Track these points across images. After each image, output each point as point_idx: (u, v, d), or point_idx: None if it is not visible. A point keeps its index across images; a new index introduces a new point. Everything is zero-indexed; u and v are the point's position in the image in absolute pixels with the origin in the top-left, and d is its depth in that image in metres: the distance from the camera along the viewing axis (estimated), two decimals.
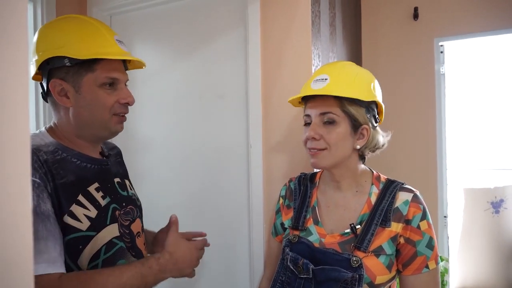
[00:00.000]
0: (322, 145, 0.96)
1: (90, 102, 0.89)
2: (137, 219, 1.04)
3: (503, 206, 2.59)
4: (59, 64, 0.86)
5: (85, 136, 0.94)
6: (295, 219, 1.07)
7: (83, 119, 0.91)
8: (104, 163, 1.00)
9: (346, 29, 1.97)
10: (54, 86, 0.88)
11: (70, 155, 0.91)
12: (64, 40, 0.86)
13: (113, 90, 0.92)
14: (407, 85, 2.29)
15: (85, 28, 0.89)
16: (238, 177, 1.56)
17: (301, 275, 0.97)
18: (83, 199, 0.89)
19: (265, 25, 1.46)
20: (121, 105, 0.93)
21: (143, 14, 1.77)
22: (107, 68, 0.89)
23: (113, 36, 0.92)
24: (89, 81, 0.88)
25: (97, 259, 0.88)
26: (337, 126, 0.95)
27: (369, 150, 1.00)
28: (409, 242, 0.94)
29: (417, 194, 0.97)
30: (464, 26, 2.15)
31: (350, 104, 0.94)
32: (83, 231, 0.86)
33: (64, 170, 0.88)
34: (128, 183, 1.09)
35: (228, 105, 1.59)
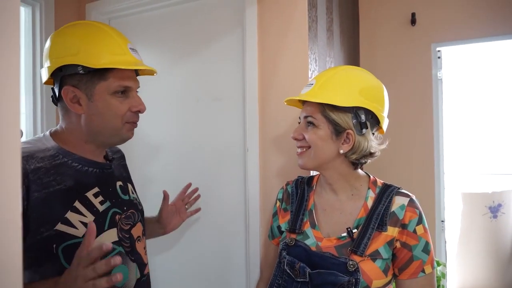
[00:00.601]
0: (304, 144, 1.01)
1: (102, 110, 0.90)
2: (138, 223, 1.04)
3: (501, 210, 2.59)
4: (72, 71, 0.87)
5: (95, 142, 0.95)
6: (292, 222, 1.07)
7: (95, 126, 0.91)
8: (107, 167, 1.01)
9: (344, 34, 1.98)
10: (67, 93, 0.89)
11: (70, 160, 0.91)
12: (78, 48, 0.86)
13: (125, 98, 0.92)
14: (404, 90, 2.30)
15: (98, 36, 0.89)
16: (234, 180, 1.56)
17: (298, 278, 0.97)
18: (80, 205, 0.88)
19: (262, 30, 1.47)
20: (133, 113, 0.94)
21: (141, 18, 1.78)
22: (119, 77, 0.90)
23: (127, 44, 0.92)
24: (102, 89, 0.89)
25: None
26: (317, 128, 0.98)
27: (358, 157, 0.98)
28: (405, 246, 0.94)
29: (413, 198, 0.98)
30: (461, 31, 2.16)
31: (330, 110, 0.96)
32: (80, 237, 0.85)
33: (61, 176, 0.88)
34: (130, 187, 1.09)
35: (225, 108, 1.59)
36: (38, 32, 1.66)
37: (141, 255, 1.01)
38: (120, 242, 0.95)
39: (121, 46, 0.91)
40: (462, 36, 2.16)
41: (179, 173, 1.68)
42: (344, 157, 0.99)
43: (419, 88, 2.28)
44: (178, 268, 1.70)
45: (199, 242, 1.64)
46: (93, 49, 0.87)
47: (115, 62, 0.87)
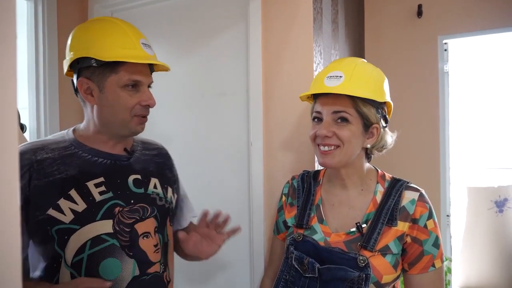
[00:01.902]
0: (336, 141, 0.95)
1: (112, 102, 0.93)
2: (150, 218, 1.00)
3: (507, 205, 2.57)
4: (87, 64, 0.91)
5: (107, 133, 0.99)
6: (299, 217, 1.05)
7: (105, 117, 0.96)
8: (123, 159, 1.02)
9: (349, 26, 1.95)
10: (81, 84, 0.94)
11: (81, 151, 0.97)
12: (92, 42, 0.91)
13: (135, 91, 0.95)
14: (410, 83, 2.27)
15: (112, 30, 0.93)
16: (238, 175, 1.55)
17: (306, 274, 0.96)
18: (75, 194, 0.92)
19: (267, 22, 1.44)
20: (142, 107, 0.97)
21: (144, 12, 1.76)
22: (130, 71, 0.93)
23: (139, 39, 0.95)
24: (112, 82, 0.92)
25: (82, 253, 0.90)
26: (351, 124, 0.94)
27: (376, 150, 0.99)
28: (416, 241, 0.93)
29: (423, 193, 0.96)
30: (468, 24, 2.13)
31: (363, 104, 0.93)
32: (66, 223, 0.90)
33: (66, 165, 0.93)
34: (154, 182, 1.06)
35: (230, 102, 1.57)
36: (41, 26, 1.65)
37: (145, 252, 0.97)
38: (116, 235, 0.93)
39: (133, 40, 0.94)
40: (469, 28, 2.13)
41: (183, 168, 1.67)
42: (363, 151, 0.99)
43: (425, 81, 2.25)
44: (181, 264, 1.69)
45: None
46: (105, 43, 0.91)
47: (125, 56, 0.90)
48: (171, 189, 1.12)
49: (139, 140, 1.14)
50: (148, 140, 1.18)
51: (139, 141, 1.14)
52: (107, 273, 0.92)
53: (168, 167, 1.15)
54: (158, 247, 1.01)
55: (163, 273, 1.01)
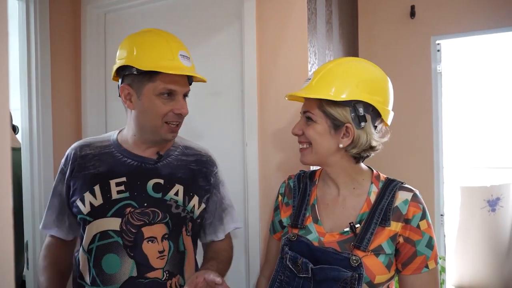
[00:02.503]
0: (305, 139, 1.00)
1: (147, 109, 1.00)
2: (160, 224, 1.01)
3: (499, 204, 2.60)
4: (129, 72, 0.99)
5: (141, 137, 1.06)
6: (294, 217, 1.05)
7: (139, 122, 1.03)
8: (150, 162, 1.07)
9: (343, 26, 1.96)
10: (123, 90, 1.02)
11: (116, 151, 1.07)
12: (135, 51, 0.98)
13: (169, 100, 1.00)
14: (403, 83, 2.29)
15: (154, 41, 1.00)
16: (233, 175, 1.55)
17: (300, 274, 0.95)
18: (98, 189, 1.02)
19: (261, 22, 1.44)
20: (175, 114, 1.02)
21: (138, 12, 1.75)
22: (166, 80, 0.98)
23: (179, 51, 1.01)
24: (149, 89, 0.99)
25: (93, 243, 1.00)
26: (316, 123, 0.97)
27: (359, 151, 0.97)
28: (408, 241, 0.93)
29: (416, 193, 0.96)
30: (461, 24, 2.15)
31: (327, 104, 0.94)
32: (84, 214, 1.01)
33: (100, 162, 1.05)
34: (178, 189, 1.06)
35: (224, 102, 1.57)
36: (33, 26, 1.63)
37: (147, 256, 0.98)
38: (121, 233, 0.98)
39: (172, 52, 1.00)
40: (462, 28, 2.14)
41: None
42: (345, 152, 0.98)
43: (418, 81, 2.27)
44: None
45: None
46: (145, 53, 0.98)
47: (161, 66, 0.96)
48: (198, 198, 1.10)
49: (182, 145, 1.17)
50: (192, 145, 1.19)
51: (182, 145, 1.16)
52: (107, 267, 0.97)
53: (203, 175, 1.15)
54: (164, 254, 1.01)
55: (166, 281, 1.00)
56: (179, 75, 1.00)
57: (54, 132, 1.68)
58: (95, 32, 1.79)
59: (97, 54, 1.80)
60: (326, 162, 1.01)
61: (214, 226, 1.18)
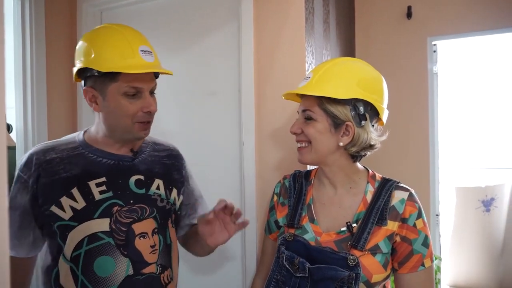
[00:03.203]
0: (304, 138, 1.00)
1: (114, 110, 0.96)
2: (149, 219, 1.01)
3: (494, 204, 2.61)
4: (90, 73, 0.95)
5: (113, 137, 1.02)
6: (290, 216, 1.05)
7: (110, 123, 1.00)
8: (126, 160, 1.04)
9: (340, 26, 1.96)
10: (86, 92, 0.98)
11: (87, 151, 1.02)
12: (93, 52, 0.94)
13: (136, 98, 0.97)
14: (400, 84, 2.29)
15: (111, 39, 0.95)
16: (230, 175, 1.54)
17: (297, 273, 0.95)
18: (76, 192, 0.96)
19: (259, 22, 1.44)
20: (144, 113, 0.99)
21: (134, 10, 1.74)
22: (129, 79, 0.94)
23: (139, 47, 0.96)
24: (113, 90, 0.95)
25: (80, 248, 0.94)
26: (316, 122, 0.97)
27: (358, 149, 0.97)
28: (405, 240, 0.93)
29: (412, 192, 0.97)
30: (457, 25, 2.16)
31: (328, 102, 0.95)
32: (66, 220, 0.94)
33: (71, 165, 0.99)
34: (158, 183, 1.07)
35: (221, 102, 1.57)
36: (28, 24, 1.62)
37: (140, 252, 0.98)
38: (112, 233, 0.95)
39: (132, 48, 0.94)
40: (458, 29, 2.16)
41: None
42: (344, 150, 0.98)
43: (415, 82, 2.27)
44: None
45: None
46: (104, 53, 0.93)
47: (122, 66, 0.92)
48: (176, 190, 1.12)
49: (151, 141, 1.16)
50: (160, 141, 1.19)
51: (151, 142, 1.15)
52: (100, 270, 0.94)
53: (176, 168, 1.16)
54: (156, 248, 1.01)
55: (160, 274, 1.01)
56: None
57: (49, 131, 1.67)
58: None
59: None
60: (325, 161, 1.00)
61: (189, 217, 1.20)
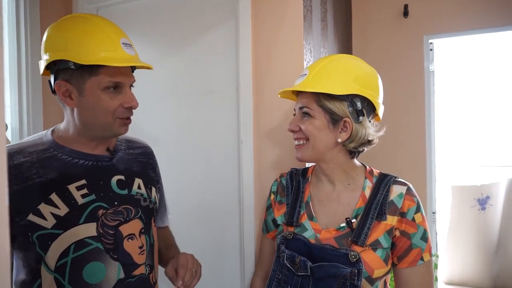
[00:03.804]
0: (302, 135, 0.99)
1: (93, 106, 0.90)
2: (135, 220, 0.98)
3: (489, 203, 2.63)
4: (64, 66, 0.87)
5: (88, 135, 0.96)
6: (289, 215, 1.05)
7: (86, 120, 0.92)
8: (105, 160, 0.99)
9: (337, 25, 1.96)
10: (59, 87, 0.90)
11: (61, 153, 0.93)
12: (69, 43, 0.87)
13: (117, 93, 0.92)
14: (396, 82, 2.30)
15: (90, 30, 0.88)
16: (228, 174, 1.54)
17: (299, 272, 0.95)
18: (56, 198, 0.89)
19: (257, 20, 1.44)
20: (125, 109, 0.94)
21: (131, 8, 1.73)
22: (110, 73, 0.89)
23: (120, 39, 0.91)
24: (92, 84, 0.89)
25: (66, 257, 0.88)
26: (314, 119, 0.97)
27: (356, 145, 0.98)
28: (404, 234, 0.94)
29: (410, 187, 0.98)
30: (454, 23, 2.17)
31: (325, 98, 0.95)
32: (48, 228, 0.87)
33: (45, 169, 0.90)
34: (138, 182, 1.04)
35: (219, 100, 1.56)
36: (23, 22, 1.60)
37: (130, 254, 0.95)
38: (100, 238, 0.91)
39: (113, 41, 0.89)
40: (454, 28, 2.17)
41: (172, 167, 1.65)
42: (342, 146, 0.99)
43: (411, 80, 2.28)
44: None
45: (192, 236, 1.61)
46: (83, 44, 0.86)
47: (104, 59, 0.86)
48: (155, 188, 1.10)
49: (124, 139, 1.11)
50: (133, 138, 1.15)
51: (124, 140, 1.11)
52: (91, 277, 0.90)
53: (151, 167, 1.13)
54: (144, 248, 0.99)
55: (149, 274, 0.99)
56: (124, 66, 0.91)
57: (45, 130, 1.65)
58: None
59: None
60: (323, 158, 1.00)
61: (161, 213, 1.18)
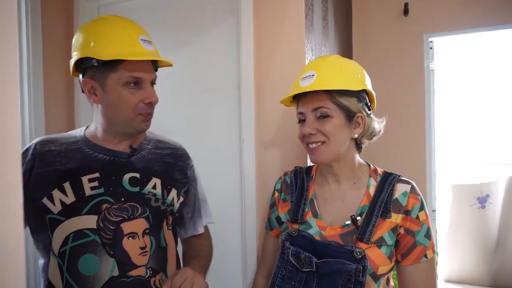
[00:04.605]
0: (321, 138, 0.97)
1: (115, 101, 0.94)
2: (140, 219, 0.97)
3: (489, 201, 2.64)
4: (89, 64, 0.92)
5: (112, 131, 0.99)
6: (293, 212, 1.06)
7: (110, 116, 0.96)
8: (123, 156, 1.01)
9: (338, 23, 1.96)
10: (85, 84, 0.95)
11: (85, 146, 1.00)
12: (92, 41, 0.91)
13: (137, 89, 0.95)
14: (396, 80, 2.30)
15: (111, 28, 0.93)
16: (230, 172, 1.54)
17: (304, 268, 0.96)
18: (68, 186, 0.94)
19: (258, 18, 1.44)
20: (145, 104, 0.96)
21: (131, 7, 1.73)
22: (130, 68, 0.92)
23: (139, 36, 0.94)
24: (113, 80, 0.92)
25: (66, 244, 0.92)
26: (332, 118, 0.96)
27: (366, 138, 1.02)
28: (408, 232, 0.95)
29: (414, 185, 0.99)
30: (454, 22, 2.17)
31: (340, 96, 0.96)
32: (54, 213, 0.92)
33: (68, 158, 0.96)
34: (155, 182, 1.03)
35: (220, 99, 1.56)
36: (24, 21, 1.59)
37: (128, 253, 0.94)
38: (98, 231, 0.92)
39: (131, 37, 0.93)
40: (454, 26, 2.17)
41: None
42: (350, 141, 1.01)
43: (411, 79, 2.29)
44: None
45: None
46: (103, 41, 0.91)
47: (122, 53, 0.90)
48: (176, 191, 1.07)
49: (154, 138, 1.12)
50: (165, 139, 1.16)
51: (154, 139, 1.12)
52: (85, 269, 0.91)
53: (179, 168, 1.11)
54: (146, 250, 0.97)
55: (149, 278, 0.97)
56: (144, 61, 0.94)
57: (46, 128, 1.65)
58: None
59: None
60: (340, 156, 1.00)
61: (193, 220, 1.16)
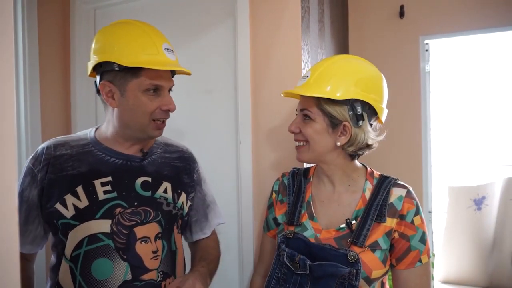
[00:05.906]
0: (302, 137, 1.00)
1: (133, 106, 0.95)
2: (152, 223, 0.98)
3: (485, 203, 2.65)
4: (109, 68, 0.93)
5: (124, 135, 1.00)
6: (290, 214, 1.06)
7: (124, 120, 0.97)
8: (135, 160, 1.02)
9: (334, 26, 1.97)
10: (103, 87, 0.96)
11: (97, 149, 1.00)
12: (115, 46, 0.92)
13: (156, 96, 0.96)
14: (392, 82, 2.29)
15: (134, 35, 0.94)
16: (227, 174, 1.54)
17: (298, 271, 0.96)
18: (81, 190, 0.95)
19: (255, 20, 1.44)
20: (162, 111, 0.98)
21: (128, 8, 1.73)
22: (151, 75, 0.93)
23: (162, 44, 0.96)
24: (134, 86, 0.93)
25: (80, 248, 0.93)
26: (314, 122, 0.97)
27: (356, 149, 0.98)
28: (403, 237, 0.95)
29: (410, 190, 0.98)
30: (450, 24, 2.18)
31: (326, 102, 0.95)
32: (67, 218, 0.93)
33: (80, 162, 0.97)
34: (166, 186, 1.04)
35: (217, 100, 1.56)
36: (20, 22, 1.59)
37: (141, 257, 0.95)
38: (112, 236, 0.93)
39: (156, 45, 0.94)
40: (450, 28, 2.18)
41: None
42: (341, 149, 0.99)
43: (407, 81, 2.30)
44: None
45: None
46: (127, 48, 0.92)
47: (146, 62, 0.91)
48: (185, 194, 1.09)
49: (163, 142, 1.13)
50: (173, 142, 1.17)
51: (162, 143, 1.13)
52: (98, 273, 0.92)
53: (187, 172, 1.13)
54: (158, 254, 0.98)
55: (161, 282, 0.98)
56: (163, 70, 0.96)
57: (43, 130, 1.64)
58: (85, 28, 1.76)
59: (87, 50, 1.76)
60: (323, 160, 1.01)
61: (200, 223, 1.17)
